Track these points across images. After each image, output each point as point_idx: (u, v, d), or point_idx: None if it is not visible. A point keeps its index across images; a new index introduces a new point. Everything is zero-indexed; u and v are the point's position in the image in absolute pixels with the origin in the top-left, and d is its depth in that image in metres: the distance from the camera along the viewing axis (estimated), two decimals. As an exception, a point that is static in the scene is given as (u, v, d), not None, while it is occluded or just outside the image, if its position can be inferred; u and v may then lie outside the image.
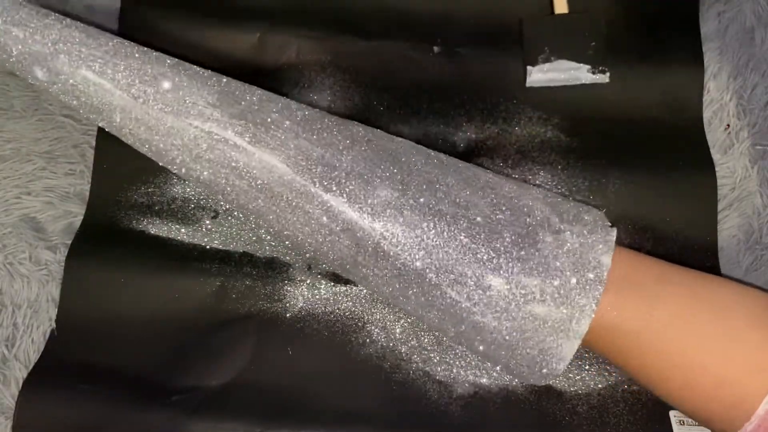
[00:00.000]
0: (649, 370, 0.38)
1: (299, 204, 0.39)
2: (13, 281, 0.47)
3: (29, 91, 0.50)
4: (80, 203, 0.48)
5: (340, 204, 0.38)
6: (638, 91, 0.50)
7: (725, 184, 0.49)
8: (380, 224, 0.38)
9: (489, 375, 0.44)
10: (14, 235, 0.48)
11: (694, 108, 0.51)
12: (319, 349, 0.45)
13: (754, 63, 0.52)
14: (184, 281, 0.46)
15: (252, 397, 0.43)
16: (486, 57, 0.50)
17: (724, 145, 0.50)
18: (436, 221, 0.38)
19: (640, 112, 0.50)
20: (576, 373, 0.44)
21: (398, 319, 0.45)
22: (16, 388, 0.44)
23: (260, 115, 0.39)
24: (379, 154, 0.39)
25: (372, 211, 0.38)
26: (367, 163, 0.39)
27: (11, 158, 0.49)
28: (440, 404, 0.43)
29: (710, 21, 0.53)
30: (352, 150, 0.39)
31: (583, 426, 0.43)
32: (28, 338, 0.45)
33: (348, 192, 0.38)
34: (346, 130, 0.41)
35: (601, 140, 0.49)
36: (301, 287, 0.46)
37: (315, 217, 0.38)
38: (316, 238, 0.40)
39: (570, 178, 0.48)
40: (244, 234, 0.47)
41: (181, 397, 0.43)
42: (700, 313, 0.37)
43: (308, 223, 0.39)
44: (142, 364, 0.44)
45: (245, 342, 0.44)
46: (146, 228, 0.47)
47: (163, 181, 0.48)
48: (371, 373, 0.44)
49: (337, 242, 0.39)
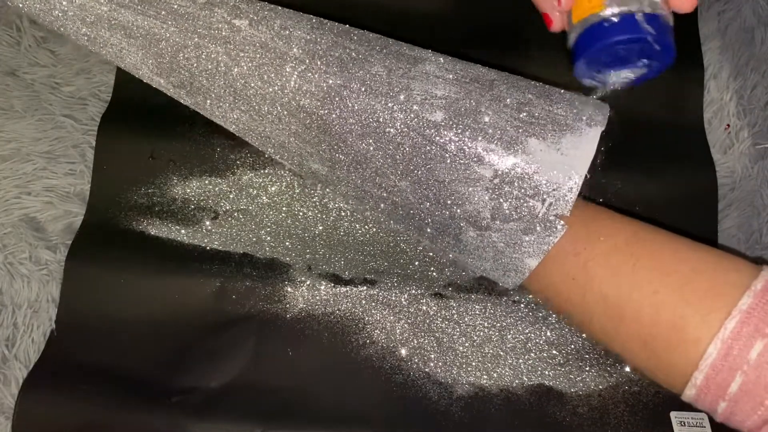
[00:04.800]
0: (592, 318, 0.37)
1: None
2: (13, 281, 0.47)
3: (29, 91, 0.50)
4: (80, 203, 0.48)
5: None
6: (638, 91, 0.50)
7: (725, 184, 0.49)
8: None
9: (489, 376, 0.44)
10: (14, 235, 0.48)
11: (694, 108, 0.51)
12: (319, 350, 0.44)
13: (754, 63, 0.52)
14: (184, 282, 0.46)
15: (252, 398, 0.43)
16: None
17: (724, 145, 0.50)
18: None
19: (641, 112, 0.50)
20: (577, 375, 0.44)
21: (398, 320, 0.45)
22: (16, 388, 0.44)
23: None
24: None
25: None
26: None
27: (11, 158, 0.49)
28: (440, 405, 0.43)
29: (710, 21, 0.53)
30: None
31: (583, 427, 0.43)
32: (28, 338, 0.45)
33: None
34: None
35: (601, 140, 0.49)
36: (301, 288, 0.46)
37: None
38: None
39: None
40: (244, 235, 0.47)
41: (181, 398, 0.43)
42: (641, 259, 0.36)
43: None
44: (142, 365, 0.44)
45: (245, 343, 0.44)
46: (146, 228, 0.47)
47: (164, 182, 0.48)
48: (371, 374, 0.44)
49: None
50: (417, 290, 0.46)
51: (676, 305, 0.34)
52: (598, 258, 0.37)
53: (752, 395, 0.32)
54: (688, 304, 0.34)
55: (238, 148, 0.49)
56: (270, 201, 0.48)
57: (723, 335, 0.32)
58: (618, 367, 0.44)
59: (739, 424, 0.34)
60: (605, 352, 0.45)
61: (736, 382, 0.32)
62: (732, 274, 0.35)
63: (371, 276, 0.46)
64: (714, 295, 0.34)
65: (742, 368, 0.32)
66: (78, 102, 0.51)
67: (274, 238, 0.47)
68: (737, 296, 0.33)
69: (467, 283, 0.46)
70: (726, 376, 0.32)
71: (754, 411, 0.32)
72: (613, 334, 0.37)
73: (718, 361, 0.32)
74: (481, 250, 0.38)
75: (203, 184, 0.48)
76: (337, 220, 0.48)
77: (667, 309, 0.34)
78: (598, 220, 0.39)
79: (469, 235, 0.37)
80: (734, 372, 0.32)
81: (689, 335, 0.33)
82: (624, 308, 0.36)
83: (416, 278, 0.46)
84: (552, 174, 0.35)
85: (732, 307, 0.33)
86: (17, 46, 0.51)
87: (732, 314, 0.32)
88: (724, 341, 0.32)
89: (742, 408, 0.33)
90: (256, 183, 0.48)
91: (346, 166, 0.39)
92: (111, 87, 0.51)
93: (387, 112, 0.37)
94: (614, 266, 0.36)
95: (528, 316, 0.46)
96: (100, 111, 0.50)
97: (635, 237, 0.38)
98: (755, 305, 0.32)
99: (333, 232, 0.47)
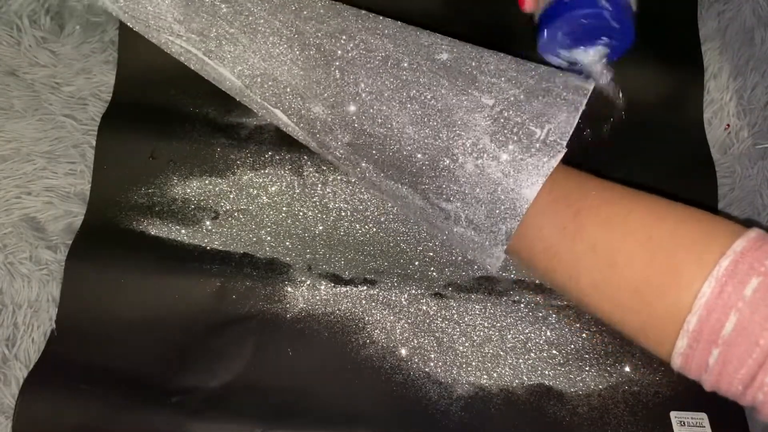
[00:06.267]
0: (580, 271, 0.37)
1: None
2: (14, 281, 0.47)
3: (29, 91, 0.50)
4: (80, 203, 0.48)
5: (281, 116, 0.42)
6: (638, 91, 0.50)
7: (725, 184, 0.49)
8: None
9: (489, 376, 0.44)
10: (15, 234, 0.48)
11: (694, 108, 0.51)
12: (319, 350, 0.45)
13: (754, 63, 0.52)
14: (185, 282, 0.46)
15: (252, 398, 0.43)
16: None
17: (724, 145, 0.50)
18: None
19: (641, 112, 0.50)
20: (576, 374, 0.44)
21: (398, 320, 0.46)
22: (16, 387, 0.44)
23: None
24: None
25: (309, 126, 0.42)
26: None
27: (11, 158, 0.49)
28: (440, 405, 0.43)
29: (710, 21, 0.53)
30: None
31: (583, 427, 0.43)
32: (29, 338, 0.45)
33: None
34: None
35: (601, 140, 0.49)
36: (302, 288, 0.46)
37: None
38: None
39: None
40: (245, 235, 0.47)
41: (181, 398, 0.43)
42: (629, 213, 0.36)
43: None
44: (143, 365, 0.44)
45: (245, 343, 0.44)
46: (146, 228, 0.47)
47: (164, 182, 0.48)
48: (371, 374, 0.44)
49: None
50: (417, 290, 0.46)
51: (671, 248, 0.33)
52: (590, 208, 0.36)
53: (747, 334, 0.30)
54: (683, 247, 0.33)
55: (238, 148, 0.49)
56: (270, 201, 0.48)
57: (717, 273, 0.31)
58: (618, 367, 0.44)
59: (732, 376, 0.32)
60: (605, 352, 0.45)
61: (731, 321, 0.31)
62: (726, 224, 0.34)
63: (371, 276, 0.47)
64: (709, 238, 0.33)
65: (737, 305, 0.30)
66: (78, 102, 0.51)
67: (275, 238, 0.47)
68: (731, 239, 0.32)
69: (467, 283, 0.46)
70: (720, 315, 0.31)
71: (748, 354, 0.30)
72: (603, 285, 0.36)
73: (711, 300, 0.31)
74: (478, 186, 0.37)
75: (203, 184, 0.48)
76: (337, 220, 0.48)
77: (662, 252, 0.33)
78: (593, 180, 0.39)
79: (466, 168, 0.37)
80: (728, 310, 0.31)
81: (683, 278, 0.32)
82: (616, 255, 0.35)
83: (416, 278, 0.46)
84: (550, 105, 0.37)
85: (726, 247, 0.32)
86: (17, 46, 0.51)
87: (726, 254, 0.31)
88: (718, 279, 0.31)
89: (736, 352, 0.31)
90: (256, 183, 0.48)
91: (347, 104, 0.40)
92: (111, 87, 0.51)
93: (394, 48, 0.40)
94: (607, 216, 0.36)
95: (528, 316, 0.46)
96: (100, 111, 0.50)
97: (628, 193, 0.37)
98: (749, 248, 0.32)
99: (333, 232, 0.47)
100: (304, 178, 0.48)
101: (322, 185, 0.48)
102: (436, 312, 0.46)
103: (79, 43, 0.52)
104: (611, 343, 0.45)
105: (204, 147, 0.49)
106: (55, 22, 0.52)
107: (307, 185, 0.48)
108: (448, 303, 0.46)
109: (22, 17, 0.51)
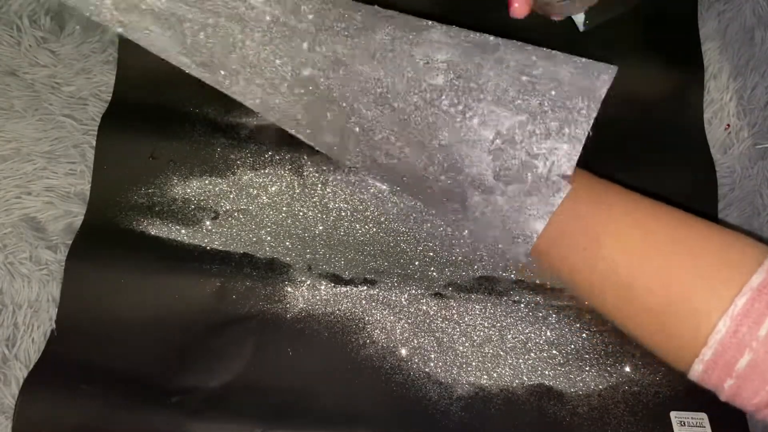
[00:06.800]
0: (605, 291, 0.37)
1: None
2: (14, 281, 0.47)
3: (29, 91, 0.50)
4: (80, 203, 0.48)
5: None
6: (638, 91, 0.50)
7: (725, 184, 0.49)
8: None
9: (489, 376, 0.44)
10: (14, 234, 0.48)
11: (694, 108, 0.51)
12: (319, 350, 0.45)
13: (754, 63, 0.52)
14: (185, 282, 0.46)
15: (252, 398, 0.43)
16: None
17: (724, 145, 0.50)
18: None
19: (641, 112, 0.50)
20: (577, 375, 0.44)
21: (398, 320, 0.46)
22: (16, 387, 0.44)
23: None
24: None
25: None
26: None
27: (11, 158, 0.49)
28: (440, 405, 0.43)
29: (710, 21, 0.53)
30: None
31: (583, 427, 0.43)
32: (29, 338, 0.45)
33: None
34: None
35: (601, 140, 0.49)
36: (302, 288, 0.46)
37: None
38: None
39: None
40: (245, 235, 0.47)
41: (181, 398, 0.43)
42: (653, 233, 0.36)
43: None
44: (143, 365, 0.44)
45: (245, 343, 0.44)
46: (146, 228, 0.47)
47: (164, 182, 0.48)
48: (371, 374, 0.44)
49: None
50: (417, 290, 0.46)
51: (688, 279, 0.34)
52: (608, 229, 0.37)
53: (760, 372, 0.32)
54: (700, 278, 0.34)
55: (238, 148, 0.49)
56: (270, 201, 0.48)
57: (732, 312, 0.32)
58: (618, 367, 0.44)
59: (745, 401, 0.33)
60: (605, 352, 0.45)
61: (744, 359, 0.32)
62: (746, 249, 0.35)
63: (371, 276, 0.47)
64: (726, 269, 0.33)
65: (751, 345, 0.32)
66: (78, 102, 0.51)
67: (274, 238, 0.47)
68: (749, 271, 0.33)
69: (467, 283, 0.46)
70: (734, 353, 0.32)
71: (762, 387, 0.32)
72: (625, 306, 0.37)
73: (726, 338, 0.32)
74: (488, 215, 0.38)
75: (203, 184, 0.48)
76: (337, 220, 0.48)
77: (678, 282, 0.34)
78: (609, 193, 0.39)
79: (474, 199, 0.37)
80: (743, 349, 0.32)
81: (700, 308, 0.33)
82: (635, 280, 0.35)
83: (416, 278, 0.46)
84: (552, 138, 0.36)
85: (743, 282, 0.32)
86: (17, 46, 0.51)
87: (743, 291, 0.32)
88: (734, 318, 0.32)
89: (749, 385, 0.32)
90: (256, 183, 0.48)
91: (354, 135, 0.40)
92: (111, 87, 0.51)
93: (389, 78, 0.38)
94: (626, 240, 0.36)
95: (528, 316, 0.46)
96: (101, 111, 0.50)
97: (648, 211, 0.38)
98: (765, 283, 0.32)
99: (333, 232, 0.47)
100: (304, 178, 0.48)
101: (322, 185, 0.48)
102: (436, 312, 0.46)
103: (79, 43, 0.52)
104: (611, 343, 0.45)
105: (204, 147, 0.49)
106: (55, 22, 0.52)
107: (307, 185, 0.48)
108: (448, 303, 0.46)
109: (22, 17, 0.51)
